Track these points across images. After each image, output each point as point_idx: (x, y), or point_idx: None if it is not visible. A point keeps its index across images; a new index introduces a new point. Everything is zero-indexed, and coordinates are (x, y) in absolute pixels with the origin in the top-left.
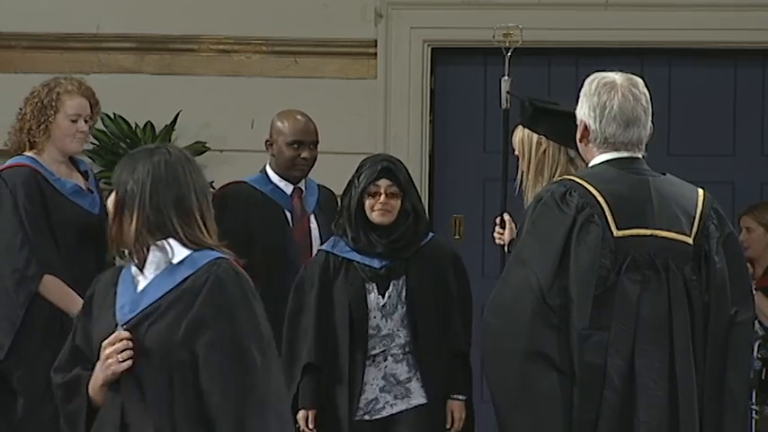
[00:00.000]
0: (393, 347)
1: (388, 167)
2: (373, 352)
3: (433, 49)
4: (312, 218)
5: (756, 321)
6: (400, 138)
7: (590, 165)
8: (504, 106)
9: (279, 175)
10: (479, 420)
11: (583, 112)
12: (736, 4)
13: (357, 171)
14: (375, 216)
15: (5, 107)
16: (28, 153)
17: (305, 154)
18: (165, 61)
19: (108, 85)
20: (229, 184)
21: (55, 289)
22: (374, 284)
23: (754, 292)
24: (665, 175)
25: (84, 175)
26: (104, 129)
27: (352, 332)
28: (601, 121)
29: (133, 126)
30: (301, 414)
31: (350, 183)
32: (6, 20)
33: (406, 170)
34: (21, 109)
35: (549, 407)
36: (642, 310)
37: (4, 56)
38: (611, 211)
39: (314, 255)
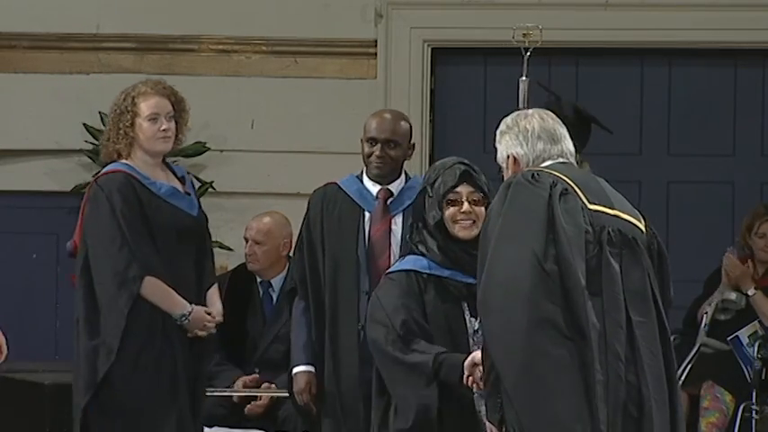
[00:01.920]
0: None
1: (468, 171)
2: None
3: (433, 49)
4: (398, 219)
5: (757, 322)
6: None
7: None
8: (521, 106)
9: (367, 175)
10: None
11: (506, 147)
12: (736, 4)
13: (428, 178)
14: (458, 230)
15: (5, 107)
16: (121, 160)
17: (379, 152)
18: (165, 61)
19: (108, 85)
20: (326, 185)
21: (156, 290)
22: (467, 304)
23: (755, 291)
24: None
25: (182, 180)
26: (104, 129)
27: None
28: (527, 144)
29: None
30: None
31: (422, 192)
32: (6, 20)
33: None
34: (107, 120)
35: (563, 371)
36: (627, 282)
37: (4, 56)
38: (578, 188)
39: (388, 273)
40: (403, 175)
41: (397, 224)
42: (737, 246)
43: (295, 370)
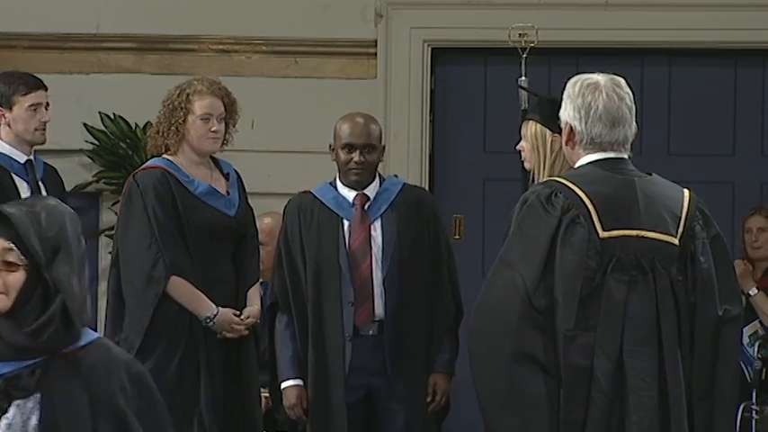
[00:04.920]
0: None
1: None
2: None
3: (433, 49)
4: (377, 224)
5: (758, 322)
6: (400, 138)
7: (576, 166)
8: (523, 106)
9: (341, 182)
10: None
11: (567, 114)
12: (736, 4)
13: None
14: None
15: None
16: (164, 155)
17: (357, 158)
18: (165, 61)
19: (108, 85)
20: (300, 194)
21: (183, 291)
22: None
23: (755, 291)
24: (650, 175)
25: (227, 176)
26: (104, 129)
27: None
28: (586, 122)
29: (133, 126)
30: None
31: None
32: (6, 20)
33: None
34: (158, 112)
35: (536, 408)
36: (630, 310)
37: (4, 56)
38: (596, 212)
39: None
40: (377, 179)
41: (377, 230)
42: (739, 246)
43: (284, 385)
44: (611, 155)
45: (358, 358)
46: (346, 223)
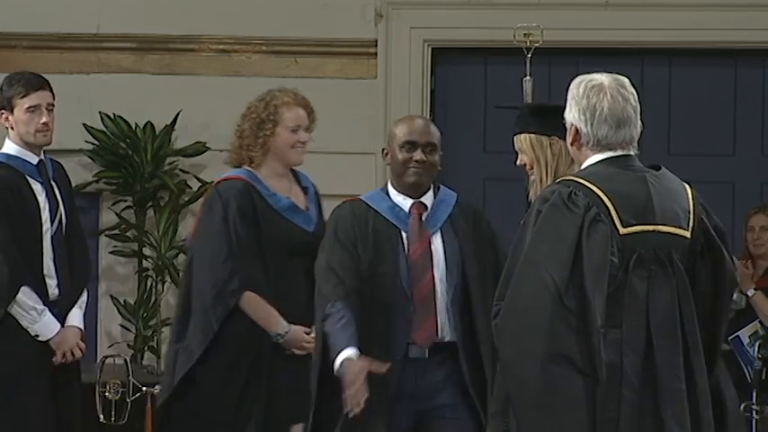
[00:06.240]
0: None
1: None
2: None
3: (433, 49)
4: (436, 237)
5: (757, 322)
6: None
7: (584, 165)
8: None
9: (395, 189)
10: None
11: (573, 115)
12: (736, 4)
13: None
14: None
15: None
16: (246, 167)
17: (419, 156)
18: (165, 61)
19: (108, 85)
20: (351, 202)
21: (256, 306)
22: None
23: (754, 291)
24: (658, 169)
25: (305, 190)
26: (104, 129)
27: None
28: (592, 124)
29: (133, 126)
30: None
31: None
32: (6, 20)
33: None
34: (238, 126)
35: (572, 408)
36: (653, 305)
37: (4, 56)
38: (615, 209)
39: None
40: (432, 187)
41: (437, 243)
42: (740, 245)
43: (342, 356)
44: (620, 152)
45: (409, 383)
46: (404, 235)
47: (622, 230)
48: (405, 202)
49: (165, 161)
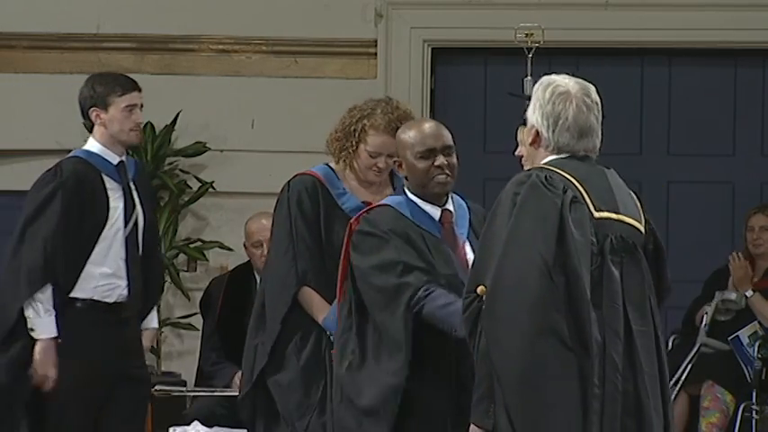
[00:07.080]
0: None
1: None
2: None
3: (433, 49)
4: (467, 244)
5: (756, 322)
6: None
7: (544, 162)
8: (526, 106)
9: (420, 198)
10: None
11: (536, 118)
12: (736, 4)
13: None
14: None
15: (6, 107)
16: (331, 163)
17: (442, 161)
18: (165, 61)
19: None
20: (372, 208)
21: (312, 302)
22: None
23: (752, 293)
24: (609, 169)
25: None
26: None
27: None
28: (554, 131)
29: None
30: None
31: None
32: (6, 20)
33: None
34: (341, 120)
35: (560, 383)
36: (627, 293)
37: (4, 56)
38: (587, 193)
39: None
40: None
41: (467, 250)
42: (740, 245)
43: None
44: (580, 154)
45: None
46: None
47: (596, 214)
48: (434, 211)
49: (164, 161)
